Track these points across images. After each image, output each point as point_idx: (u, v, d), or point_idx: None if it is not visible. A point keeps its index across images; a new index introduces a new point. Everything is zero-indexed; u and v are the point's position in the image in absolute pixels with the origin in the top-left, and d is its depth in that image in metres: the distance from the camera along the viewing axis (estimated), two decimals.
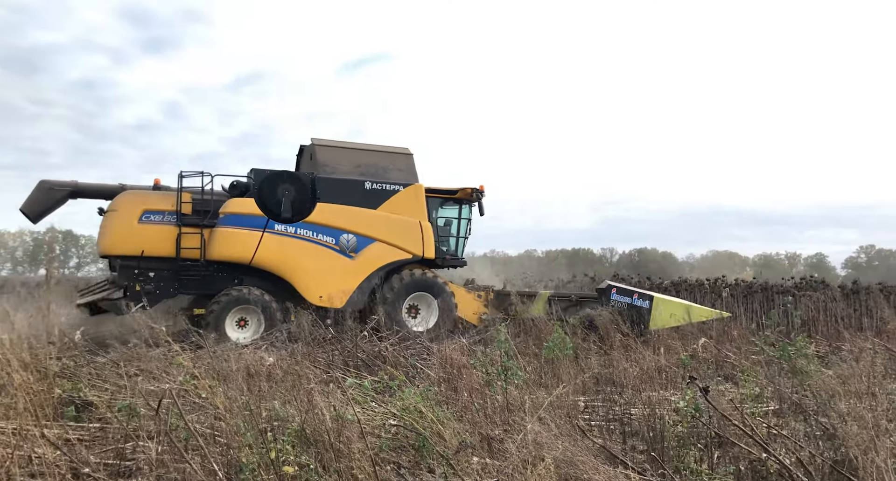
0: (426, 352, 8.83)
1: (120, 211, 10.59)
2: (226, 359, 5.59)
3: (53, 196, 11.10)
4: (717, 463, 4.31)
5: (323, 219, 11.27)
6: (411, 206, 11.97)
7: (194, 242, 10.66)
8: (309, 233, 11.20)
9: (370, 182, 11.70)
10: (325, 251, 11.30)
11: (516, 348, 7.93)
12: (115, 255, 10.61)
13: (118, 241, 10.49)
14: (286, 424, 4.00)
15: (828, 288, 15.17)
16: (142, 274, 10.54)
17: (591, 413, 5.92)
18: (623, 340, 8.22)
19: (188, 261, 10.69)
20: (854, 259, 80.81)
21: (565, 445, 3.53)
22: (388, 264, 11.77)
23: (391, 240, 11.76)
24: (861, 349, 7.89)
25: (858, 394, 4.43)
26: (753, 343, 8.91)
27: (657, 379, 6.77)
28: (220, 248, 10.73)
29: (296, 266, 11.09)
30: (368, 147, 12.29)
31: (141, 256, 10.47)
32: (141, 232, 10.49)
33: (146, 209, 10.61)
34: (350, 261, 11.47)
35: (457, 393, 5.30)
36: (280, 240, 11.01)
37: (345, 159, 11.82)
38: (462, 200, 13.01)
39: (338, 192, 11.41)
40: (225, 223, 10.80)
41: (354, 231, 11.51)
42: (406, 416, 4.26)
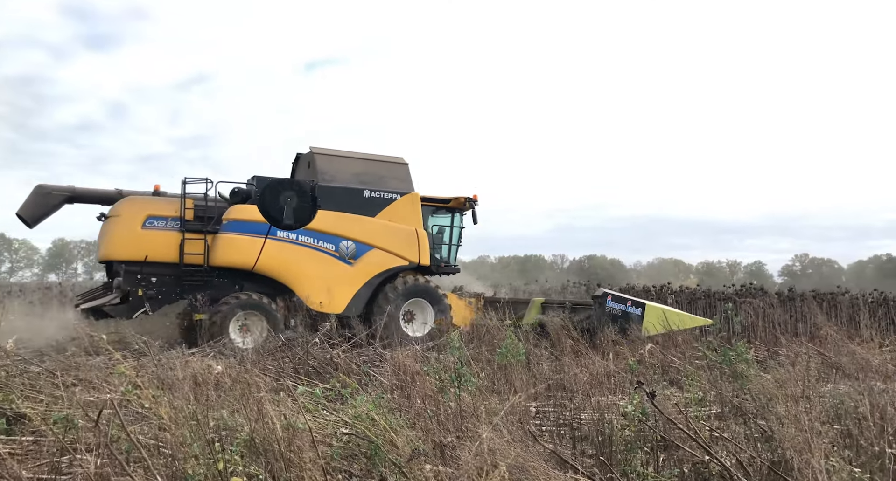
0: (379, 358, 8.78)
1: (123, 216, 10.70)
2: (171, 368, 5.41)
3: (51, 201, 11.14)
4: (663, 466, 4.43)
5: (323, 226, 11.45)
6: (408, 215, 12.22)
7: (198, 248, 10.78)
8: (310, 239, 11.40)
9: (368, 190, 11.97)
10: (325, 257, 11.50)
11: (470, 354, 7.98)
12: (119, 260, 10.64)
13: (122, 246, 10.60)
14: (235, 434, 3.90)
15: (766, 295, 15.84)
16: (144, 279, 10.61)
17: (542, 418, 5.99)
18: (574, 346, 8.37)
19: (191, 267, 10.79)
20: (790, 267, 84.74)
21: (517, 451, 3.56)
22: (386, 271, 11.97)
23: (389, 247, 12.00)
24: (797, 354, 8.27)
25: (794, 397, 4.63)
26: (697, 348, 9.23)
27: (606, 385, 6.93)
28: (223, 254, 10.89)
29: (297, 272, 11.27)
30: (366, 156, 12.49)
31: (144, 261, 10.55)
32: (144, 237, 10.59)
33: (149, 214, 10.71)
34: (349, 268, 11.68)
35: (410, 401, 5.28)
36: (282, 247, 11.18)
37: (343, 168, 12.04)
38: (454, 209, 13.35)
39: (337, 200, 11.63)
40: (228, 229, 10.97)
41: (354, 238, 11.75)
42: (358, 424, 4.22)
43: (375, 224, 11.94)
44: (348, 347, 9.55)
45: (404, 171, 12.59)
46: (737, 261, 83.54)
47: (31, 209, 11.15)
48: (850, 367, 7.49)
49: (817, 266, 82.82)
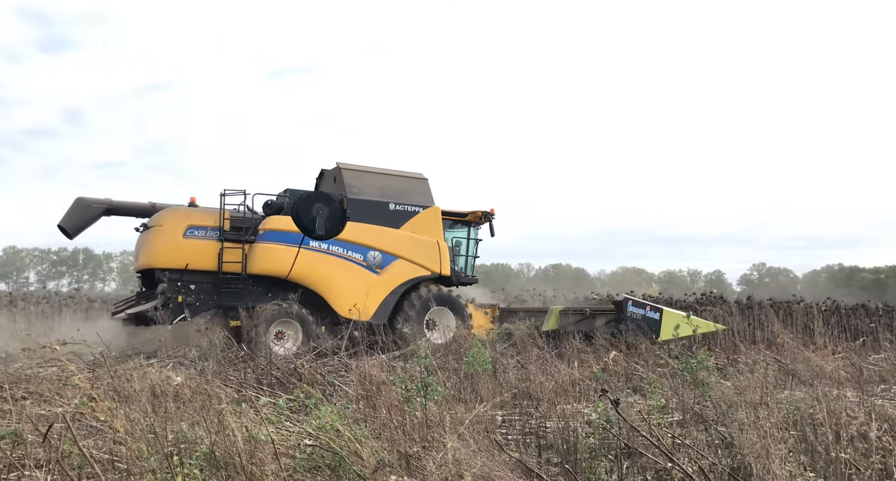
0: (345, 368, 8.68)
1: (166, 226, 11.20)
2: (128, 379, 5.24)
3: (90, 213, 11.75)
4: (627, 473, 4.47)
5: (352, 236, 12.01)
6: (430, 227, 12.84)
7: (236, 257, 11.26)
8: (340, 249, 11.96)
9: (393, 203, 12.57)
10: (354, 267, 12.05)
11: (437, 363, 7.95)
12: (161, 268, 11.10)
13: (164, 255, 11.07)
14: (194, 447, 3.79)
15: (725, 303, 16.23)
16: (184, 286, 11.05)
17: (508, 427, 6.00)
18: (539, 354, 8.42)
19: (229, 275, 11.24)
20: (748, 276, 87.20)
21: (483, 460, 3.55)
22: (410, 280, 12.50)
23: (412, 257, 12.57)
24: (755, 361, 8.48)
25: (753, 404, 4.74)
26: (660, 356, 9.38)
27: (571, 392, 6.98)
28: (260, 263, 11.38)
29: (328, 280, 11.82)
30: (389, 171, 13.17)
31: (185, 270, 11.00)
32: (186, 246, 11.07)
33: (190, 224, 11.20)
34: (376, 277, 12.23)
35: (375, 411, 5.22)
36: (314, 256, 11.71)
37: (369, 182, 12.66)
38: (471, 222, 14.00)
39: (364, 212, 12.19)
40: (265, 239, 11.48)
41: (380, 248, 12.31)
42: (322, 435, 4.15)
43: (400, 235, 12.51)
44: (313, 357, 9.42)
45: (425, 186, 13.26)
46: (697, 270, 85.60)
47: (72, 220, 11.67)
48: (805, 374, 7.71)
49: (774, 275, 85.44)
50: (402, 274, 12.41)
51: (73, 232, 11.74)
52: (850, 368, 8.07)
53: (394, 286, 12.31)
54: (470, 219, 13.95)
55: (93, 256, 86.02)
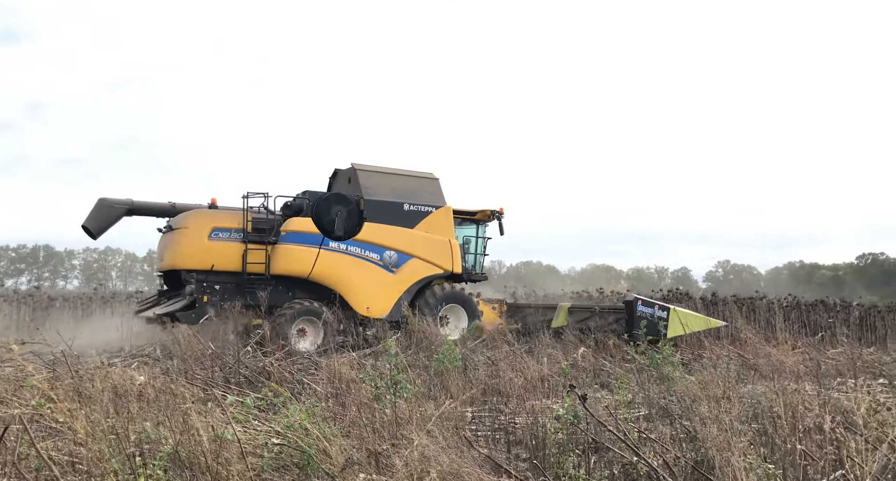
0: (314, 366, 8.60)
1: (191, 228, 11.47)
2: (89, 379, 5.11)
3: (113, 213, 12.05)
4: (594, 468, 4.53)
5: (369, 237, 12.40)
6: (442, 226, 13.19)
7: (259, 257, 11.57)
8: (358, 249, 12.31)
9: (407, 204, 12.89)
10: (371, 266, 12.40)
11: (407, 361, 7.94)
12: (187, 269, 11.41)
13: (190, 256, 11.38)
14: (158, 447, 3.72)
15: (690, 299, 16.58)
16: (209, 286, 11.38)
17: (478, 423, 6.02)
18: (509, 350, 8.47)
19: (252, 276, 11.55)
20: (713, 273, 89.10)
21: (452, 457, 3.56)
22: (424, 278, 12.88)
23: (426, 256, 12.94)
24: (718, 356, 8.68)
25: (716, 398, 4.84)
26: (627, 351, 9.52)
27: (540, 388, 7.04)
28: (282, 264, 11.70)
29: (347, 279, 12.14)
30: (402, 172, 13.47)
31: (210, 270, 11.33)
32: (211, 248, 11.38)
33: (215, 227, 11.50)
34: (392, 276, 12.59)
35: (345, 409, 5.19)
36: (334, 256, 12.05)
37: (383, 183, 12.95)
38: (479, 220, 14.40)
39: (380, 213, 12.56)
40: (286, 240, 11.79)
41: (396, 248, 12.65)
42: (290, 434, 4.11)
43: (414, 235, 12.86)
44: (282, 355, 9.32)
45: (436, 186, 13.59)
46: (664, 267, 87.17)
47: (96, 221, 11.98)
48: (766, 369, 7.92)
49: (738, 272, 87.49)
50: (416, 272, 12.80)
51: (96, 232, 12.06)
52: (809, 363, 8.32)
53: (409, 284, 12.69)
54: (479, 218, 14.36)
55: (54, 253, 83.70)
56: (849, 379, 8.51)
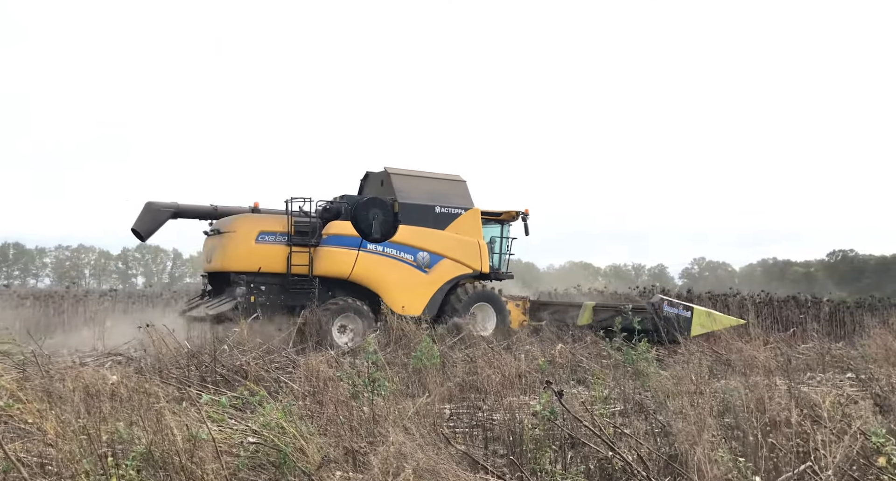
0: (292, 365, 8.54)
1: (239, 232, 12.06)
2: (60, 379, 5.01)
3: (160, 217, 12.59)
4: (570, 463, 4.58)
5: (404, 238, 12.95)
6: (471, 227, 13.77)
7: (303, 260, 12.16)
8: (394, 251, 12.86)
9: (439, 206, 13.45)
10: (406, 267, 12.96)
11: (386, 359, 7.94)
12: (236, 271, 11.97)
13: (239, 259, 11.97)
14: (131, 447, 3.67)
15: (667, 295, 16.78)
16: (256, 287, 11.92)
17: (456, 420, 6.05)
18: (486, 349, 8.51)
19: (296, 277, 12.09)
20: (689, 270, 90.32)
21: (429, 454, 3.57)
22: (455, 278, 13.45)
23: (457, 257, 13.50)
24: (692, 352, 8.81)
25: (689, 393, 4.92)
26: (603, 348, 9.63)
27: (518, 385, 7.09)
28: (324, 265, 12.30)
29: (384, 279, 12.72)
30: (431, 174, 14.00)
31: (258, 272, 11.90)
32: (258, 251, 11.95)
33: (262, 230, 12.06)
34: (425, 276, 13.16)
35: (322, 407, 5.17)
36: (372, 258, 12.63)
37: (415, 186, 13.49)
38: (504, 221, 14.88)
39: (413, 215, 13.11)
40: (328, 243, 12.39)
41: (428, 249, 13.20)
42: (267, 433, 4.09)
43: (445, 236, 13.42)
44: (260, 353, 9.24)
45: (464, 188, 14.13)
46: (642, 264, 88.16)
47: (145, 224, 12.53)
48: (738, 364, 8.07)
49: (713, 269, 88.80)
50: (447, 272, 13.37)
51: (145, 234, 12.64)
52: (780, 358, 8.50)
53: (440, 284, 13.26)
54: (504, 218, 14.88)
55: (24, 251, 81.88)
56: (818, 373, 8.70)
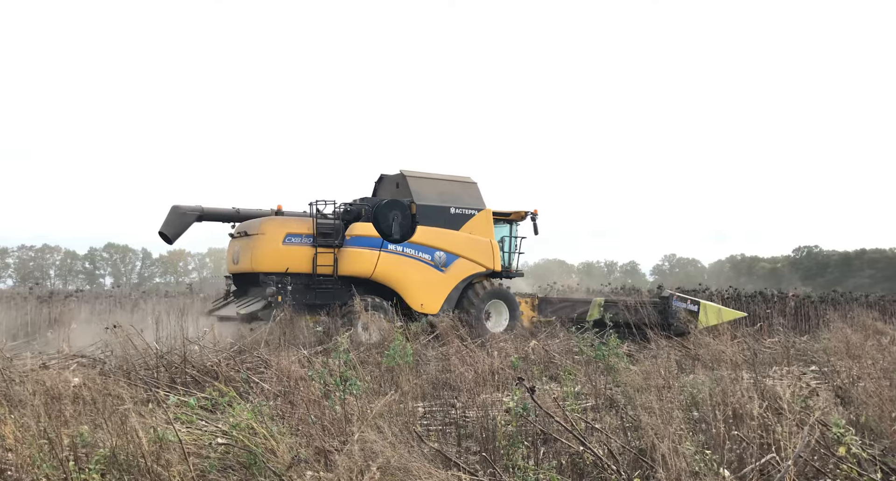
0: (264, 365, 8.44)
1: (268, 234, 12.44)
2: (19, 382, 4.87)
3: (186, 220, 12.93)
4: (543, 459, 4.61)
5: (421, 239, 13.40)
6: (483, 228, 14.24)
7: (328, 260, 12.70)
8: (412, 251, 13.31)
9: (453, 207, 13.89)
10: (423, 266, 13.41)
11: (359, 357, 7.90)
12: (265, 272, 12.35)
13: (267, 260, 12.37)
14: (95, 451, 3.58)
15: (637, 292, 17.07)
16: (283, 287, 12.26)
17: (430, 418, 6.04)
18: (460, 346, 8.52)
19: (321, 277, 12.63)
20: (660, 266, 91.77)
21: (401, 452, 3.56)
22: (470, 276, 13.92)
23: (471, 256, 13.95)
24: (661, 347, 8.95)
25: (658, 388, 5.00)
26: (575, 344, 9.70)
27: (491, 382, 7.11)
28: (347, 265, 12.81)
29: (403, 278, 13.17)
30: (445, 177, 14.43)
31: (285, 272, 12.32)
32: (286, 252, 12.40)
33: (289, 232, 12.51)
34: (442, 275, 13.61)
35: (293, 407, 5.12)
36: (392, 258, 13.08)
37: (431, 188, 13.94)
38: (513, 220, 15.30)
39: (430, 217, 13.57)
40: (351, 244, 12.87)
41: (444, 249, 13.65)
42: (237, 434, 4.03)
43: (460, 236, 13.88)
44: (230, 354, 9.11)
45: (476, 190, 14.60)
46: (614, 261, 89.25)
47: (172, 227, 12.84)
48: (706, 358, 8.22)
49: (683, 265, 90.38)
50: (463, 271, 13.83)
51: (172, 237, 12.93)
52: (746, 352, 8.68)
53: (456, 282, 13.71)
54: (513, 218, 15.32)
55: None
56: (784, 367, 8.91)
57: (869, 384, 5.38)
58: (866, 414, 4.89)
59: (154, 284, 69.58)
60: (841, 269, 73.55)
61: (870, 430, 4.78)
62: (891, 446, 4.46)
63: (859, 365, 7.01)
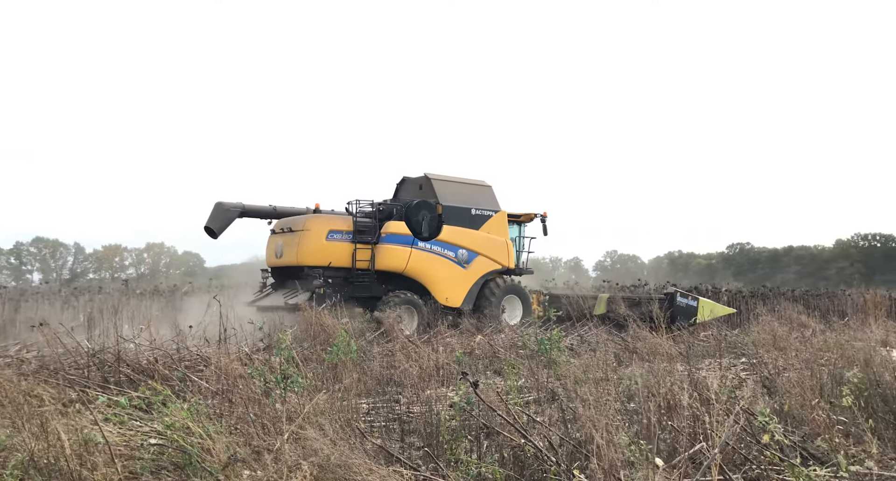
0: (203, 363, 8.20)
1: (312, 231, 13.43)
2: None
3: (229, 215, 13.81)
4: (486, 452, 4.66)
5: (447, 237, 14.48)
6: (499, 228, 15.41)
7: (366, 255, 13.70)
8: (439, 248, 14.38)
9: (474, 209, 15.03)
10: (448, 263, 14.50)
11: (304, 354, 7.77)
12: (310, 266, 13.27)
13: (312, 255, 13.30)
14: (13, 455, 3.38)
15: (580, 287, 17.52)
16: (325, 280, 13.18)
17: (374, 415, 6.01)
18: (404, 342, 8.52)
19: (359, 271, 13.62)
20: (602, 262, 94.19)
21: (342, 449, 3.52)
22: (488, 273, 15.06)
23: (490, 254, 15.11)
24: (600, 340, 9.19)
25: (596, 380, 5.13)
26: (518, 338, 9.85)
27: (436, 377, 7.14)
28: (383, 260, 13.82)
29: (432, 274, 14.26)
30: (463, 180, 15.58)
31: (327, 266, 13.28)
32: (328, 247, 13.38)
33: (331, 229, 13.53)
34: (464, 271, 14.72)
35: (232, 406, 5.00)
36: (422, 254, 14.16)
37: (453, 190, 15.00)
38: (523, 222, 16.46)
39: (453, 217, 14.65)
40: (386, 241, 13.87)
41: (466, 247, 14.77)
42: (171, 434, 3.90)
43: (480, 236, 15.01)
44: (169, 352, 8.81)
45: (491, 193, 15.76)
46: (559, 257, 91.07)
47: (217, 222, 13.66)
48: (644, 351, 8.50)
49: (624, 261, 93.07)
50: (482, 268, 14.93)
51: (217, 231, 13.74)
52: (682, 345, 9.02)
53: (476, 278, 14.81)
54: (522, 220, 16.50)
55: None
56: (716, 359, 9.31)
57: (792, 374, 5.67)
58: (790, 402, 5.15)
59: (87, 281, 66.50)
60: (770, 265, 77.40)
61: (793, 418, 5.04)
62: (810, 432, 4.72)
63: (785, 356, 7.39)
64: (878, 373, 5.49)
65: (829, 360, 6.84)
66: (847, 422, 4.81)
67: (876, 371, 5.61)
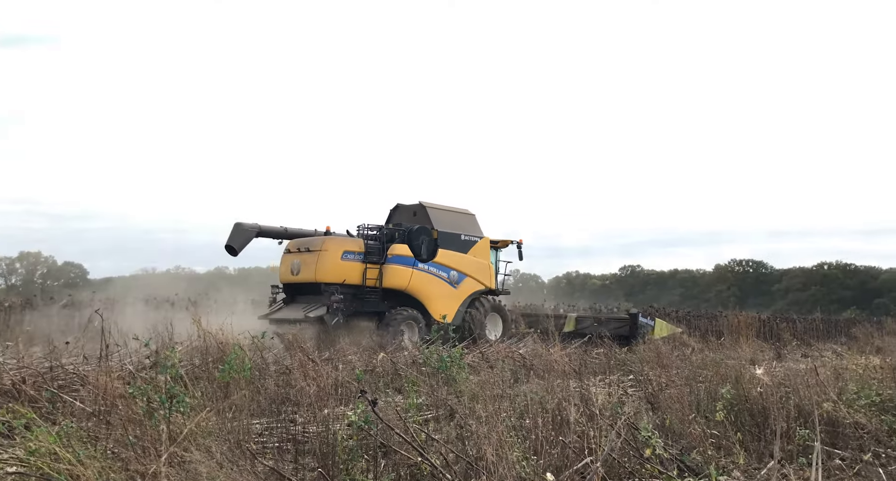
0: (80, 381, 7.55)
1: (329, 251, 14.67)
2: None
3: (248, 235, 14.92)
4: (382, 472, 4.61)
5: (441, 260, 15.87)
6: (483, 252, 16.98)
7: (375, 274, 15.01)
8: (435, 269, 15.76)
9: (463, 234, 16.61)
10: (442, 283, 15.90)
11: (195, 373, 7.36)
12: (326, 283, 14.36)
13: (328, 272, 14.48)
14: None
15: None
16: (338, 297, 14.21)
17: (267, 436, 5.78)
18: (302, 359, 8.27)
19: (368, 288, 14.88)
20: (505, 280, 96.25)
21: (228, 472, 3.36)
22: (474, 293, 16.53)
23: (476, 276, 16.61)
24: (498, 357, 9.40)
25: (492, 397, 5.22)
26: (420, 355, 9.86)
27: (335, 396, 6.98)
28: (389, 279, 15.14)
29: (429, 292, 15.63)
30: (453, 208, 17.11)
31: (341, 284, 14.38)
32: (343, 266, 14.61)
33: (345, 250, 14.77)
34: (455, 290, 16.14)
35: (110, 428, 4.64)
36: (421, 274, 15.55)
37: (445, 218, 16.53)
38: (499, 247, 17.96)
39: (446, 241, 16.08)
40: (392, 261, 15.21)
41: (457, 269, 16.22)
42: (36, 460, 3.56)
43: (468, 259, 16.52)
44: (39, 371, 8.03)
45: (475, 220, 17.41)
46: None
47: (237, 241, 14.73)
48: (540, 368, 8.77)
49: (526, 280, 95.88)
50: (470, 288, 16.42)
51: (238, 249, 14.78)
52: (575, 362, 9.39)
53: (464, 297, 16.27)
54: (499, 245, 18.00)
55: None
56: (608, 376, 9.77)
57: (673, 391, 6.06)
58: (670, 417, 5.49)
59: None
60: (658, 287, 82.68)
61: (673, 432, 5.38)
62: (688, 445, 5.05)
63: (667, 373, 7.88)
64: (746, 389, 5.99)
65: (706, 377, 7.36)
66: (719, 435, 5.20)
67: (745, 387, 6.11)
